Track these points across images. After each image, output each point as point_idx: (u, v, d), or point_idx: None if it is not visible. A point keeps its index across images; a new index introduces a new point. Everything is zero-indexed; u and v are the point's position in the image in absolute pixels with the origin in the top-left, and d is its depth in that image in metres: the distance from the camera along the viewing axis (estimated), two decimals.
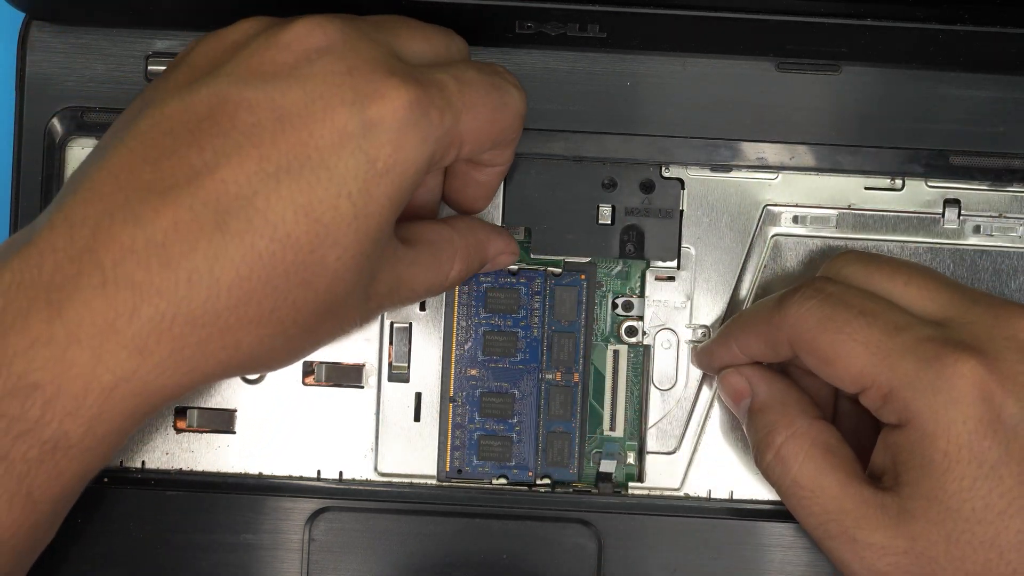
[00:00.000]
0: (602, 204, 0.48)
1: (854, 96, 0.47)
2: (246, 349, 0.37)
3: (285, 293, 0.37)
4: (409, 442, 0.48)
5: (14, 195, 0.47)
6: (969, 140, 0.47)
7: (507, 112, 0.41)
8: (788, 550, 0.47)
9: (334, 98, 0.37)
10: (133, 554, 0.47)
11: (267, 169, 0.36)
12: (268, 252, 0.36)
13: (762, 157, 0.47)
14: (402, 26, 0.41)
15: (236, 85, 0.37)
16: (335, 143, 0.37)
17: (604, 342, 0.48)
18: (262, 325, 0.37)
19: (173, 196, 0.36)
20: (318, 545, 0.47)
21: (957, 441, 0.39)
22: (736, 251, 0.48)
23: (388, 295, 0.41)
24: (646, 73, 0.47)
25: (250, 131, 0.37)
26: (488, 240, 0.45)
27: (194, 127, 0.37)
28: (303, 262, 0.37)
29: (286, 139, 0.37)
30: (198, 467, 0.48)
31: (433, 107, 0.38)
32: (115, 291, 0.36)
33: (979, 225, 0.48)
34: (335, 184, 0.37)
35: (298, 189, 0.37)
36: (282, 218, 0.36)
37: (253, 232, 0.36)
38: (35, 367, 0.35)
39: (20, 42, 0.47)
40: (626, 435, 0.48)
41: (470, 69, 0.41)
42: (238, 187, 0.36)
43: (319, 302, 0.38)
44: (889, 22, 0.43)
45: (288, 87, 0.37)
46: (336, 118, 0.37)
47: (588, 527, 0.47)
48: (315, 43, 0.38)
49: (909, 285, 0.42)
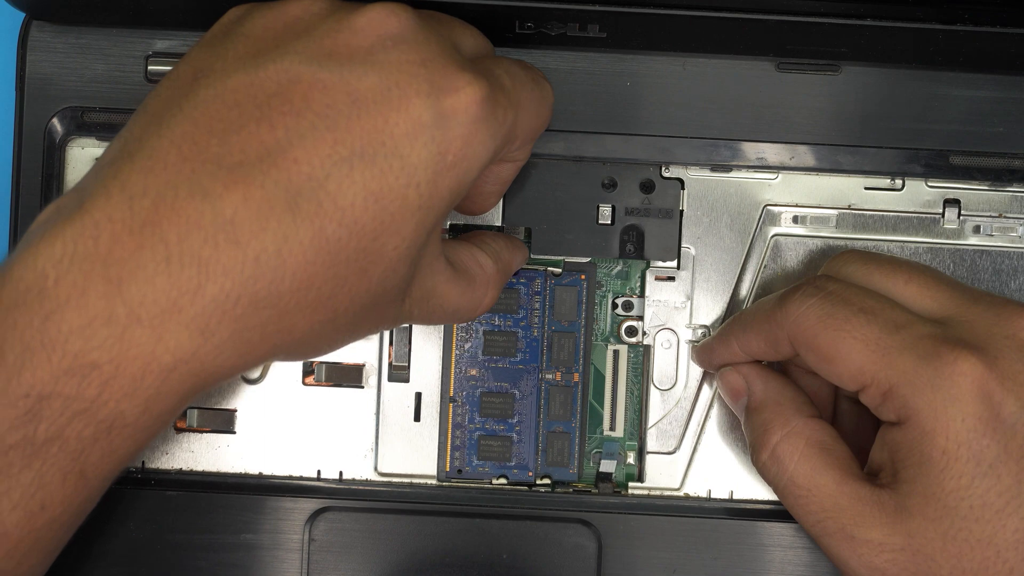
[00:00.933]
0: (602, 204, 0.48)
1: (854, 96, 0.47)
2: (299, 334, 0.37)
3: (344, 280, 0.37)
4: (409, 442, 0.48)
5: (14, 195, 0.47)
6: (969, 140, 0.47)
7: (545, 108, 0.42)
8: (788, 550, 0.47)
9: (410, 88, 0.37)
10: (133, 554, 0.47)
11: (341, 153, 0.36)
12: (336, 237, 0.36)
13: (762, 157, 0.47)
14: (454, 22, 0.41)
15: (309, 64, 0.37)
16: (409, 132, 0.37)
17: (604, 342, 0.48)
18: (317, 311, 0.37)
19: (243, 172, 0.35)
20: (318, 545, 0.47)
21: (956, 439, 0.39)
22: (736, 251, 0.48)
23: (420, 302, 0.40)
24: (646, 73, 0.47)
25: (325, 113, 0.36)
26: (514, 259, 0.45)
27: (263, 102, 0.36)
28: (364, 249, 0.36)
29: (361, 124, 0.36)
30: (198, 467, 0.48)
31: (499, 104, 0.38)
32: (179, 268, 0.34)
33: (979, 225, 0.48)
34: (406, 173, 0.37)
35: (371, 175, 0.36)
36: (352, 203, 0.36)
37: (323, 216, 0.36)
38: (93, 346, 0.34)
39: (20, 42, 0.47)
40: (626, 435, 0.48)
41: (515, 65, 0.41)
42: (311, 169, 0.36)
43: (371, 292, 0.37)
44: (889, 22, 0.43)
45: (364, 72, 0.37)
46: (412, 107, 0.37)
47: (588, 527, 0.47)
48: (390, 30, 0.38)
49: (909, 283, 0.42)
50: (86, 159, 0.47)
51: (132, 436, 0.36)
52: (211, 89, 0.37)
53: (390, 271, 0.37)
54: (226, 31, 0.39)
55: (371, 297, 0.38)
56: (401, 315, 0.40)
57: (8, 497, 0.35)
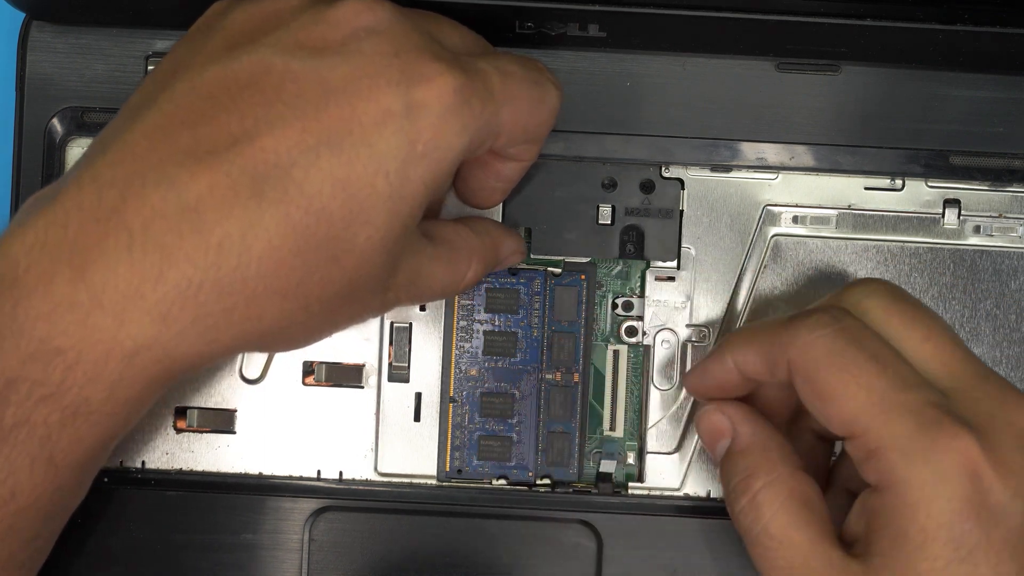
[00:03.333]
0: (602, 204, 0.48)
1: (854, 96, 0.47)
2: (268, 322, 0.37)
3: (313, 267, 0.37)
4: (409, 442, 0.48)
5: (14, 195, 0.47)
6: (969, 140, 0.47)
7: (544, 108, 0.42)
8: None
9: (380, 77, 0.37)
10: (133, 554, 0.47)
11: (308, 141, 0.36)
12: (302, 224, 0.36)
13: (762, 157, 0.47)
14: (441, 19, 0.41)
15: (282, 55, 0.37)
16: (378, 121, 0.37)
17: (604, 342, 0.48)
18: (287, 298, 0.37)
19: (210, 161, 0.36)
20: (318, 545, 0.47)
21: (938, 518, 0.37)
22: (736, 251, 0.48)
23: (406, 287, 0.41)
24: (646, 73, 0.47)
25: (294, 102, 0.36)
26: (502, 241, 0.45)
27: (236, 94, 0.37)
28: (335, 237, 0.37)
29: (329, 113, 0.36)
30: (198, 467, 0.48)
31: (476, 96, 0.38)
32: (142, 255, 0.35)
33: (979, 225, 0.48)
34: (374, 161, 0.37)
35: (337, 163, 0.36)
36: (319, 191, 0.36)
37: (288, 202, 0.36)
38: (57, 331, 0.35)
39: (20, 42, 0.47)
40: (626, 435, 0.48)
41: (512, 62, 0.41)
42: (277, 156, 0.36)
43: (344, 281, 0.38)
44: (889, 22, 0.43)
45: (336, 63, 0.37)
46: (381, 97, 0.37)
47: (588, 527, 0.47)
48: (364, 22, 0.38)
49: (926, 342, 0.40)
50: None
51: (99, 423, 0.36)
52: (186, 82, 0.37)
53: (365, 260, 0.38)
54: (208, 25, 0.39)
55: (346, 286, 0.38)
56: (386, 303, 0.40)
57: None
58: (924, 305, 0.42)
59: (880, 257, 0.48)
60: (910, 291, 0.48)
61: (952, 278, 0.48)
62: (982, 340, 0.48)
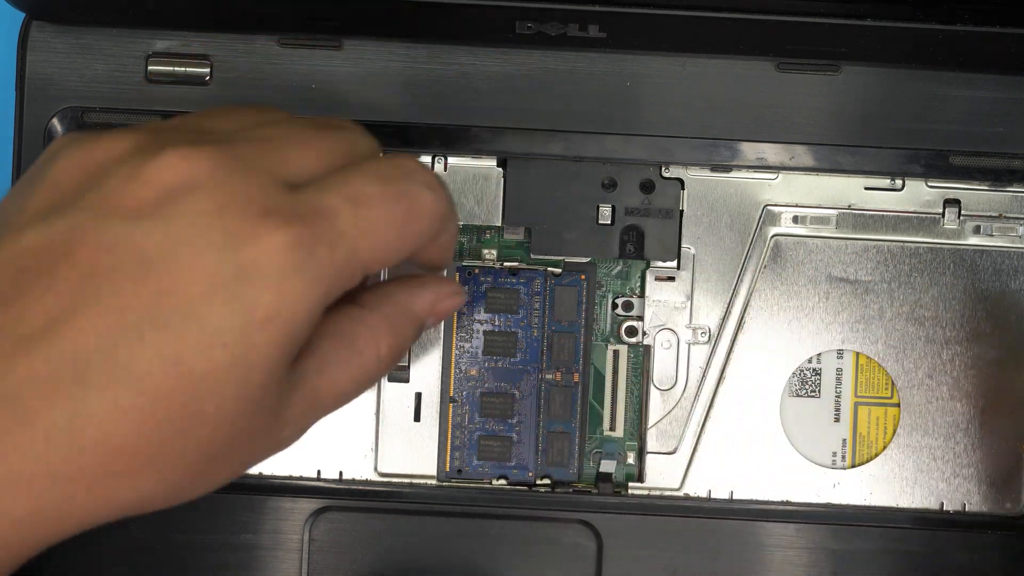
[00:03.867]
0: (602, 204, 0.48)
1: (854, 96, 0.47)
2: (122, 501, 0.35)
3: (159, 445, 0.34)
4: (409, 442, 0.48)
5: None
6: (969, 140, 0.47)
7: (418, 221, 0.37)
8: (788, 550, 0.47)
9: (201, 241, 0.34)
10: (133, 554, 0.47)
11: (129, 319, 0.33)
12: (135, 407, 0.33)
13: (762, 157, 0.47)
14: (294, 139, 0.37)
15: (96, 221, 0.34)
16: (204, 292, 0.34)
17: (604, 342, 0.48)
18: (135, 478, 0.34)
19: (28, 345, 0.33)
20: (318, 545, 0.47)
21: None
22: (736, 251, 0.48)
23: (307, 414, 0.37)
24: (646, 73, 0.47)
25: (110, 276, 0.34)
26: (411, 299, 0.41)
27: (51, 266, 0.34)
28: (177, 414, 0.34)
29: (148, 287, 0.33)
30: None
31: (320, 244, 0.35)
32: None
33: (979, 225, 0.48)
34: (207, 334, 0.34)
35: (164, 341, 0.33)
36: (148, 371, 0.33)
37: (117, 386, 0.33)
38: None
39: (20, 42, 0.47)
40: (626, 435, 0.48)
41: (369, 183, 0.36)
42: (98, 338, 0.33)
43: (203, 450, 0.35)
44: (889, 22, 0.43)
45: (151, 228, 0.34)
46: (205, 264, 0.34)
47: (588, 527, 0.47)
48: (180, 178, 0.34)
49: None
50: None
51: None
52: (4, 249, 0.35)
53: (220, 428, 0.35)
54: (37, 173, 0.37)
55: (208, 453, 0.35)
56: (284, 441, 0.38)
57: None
58: None
59: (880, 257, 0.48)
60: (910, 291, 0.48)
61: (952, 278, 0.48)
62: (982, 340, 0.48)
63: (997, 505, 0.48)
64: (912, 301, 0.48)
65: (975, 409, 0.48)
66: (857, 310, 0.48)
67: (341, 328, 0.38)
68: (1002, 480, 0.48)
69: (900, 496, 0.48)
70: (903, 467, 0.48)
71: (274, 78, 0.46)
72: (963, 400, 0.48)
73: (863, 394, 0.48)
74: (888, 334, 0.48)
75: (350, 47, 0.46)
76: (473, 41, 0.46)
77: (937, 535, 0.48)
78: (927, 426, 0.48)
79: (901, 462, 0.48)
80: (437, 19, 0.43)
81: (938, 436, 0.48)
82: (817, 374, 0.48)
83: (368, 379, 0.39)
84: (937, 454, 0.48)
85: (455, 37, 0.46)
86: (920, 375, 0.48)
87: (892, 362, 0.48)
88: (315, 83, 0.46)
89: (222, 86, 0.47)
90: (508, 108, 0.47)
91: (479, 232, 0.48)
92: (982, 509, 0.48)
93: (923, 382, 0.48)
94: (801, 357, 0.48)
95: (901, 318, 0.48)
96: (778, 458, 0.48)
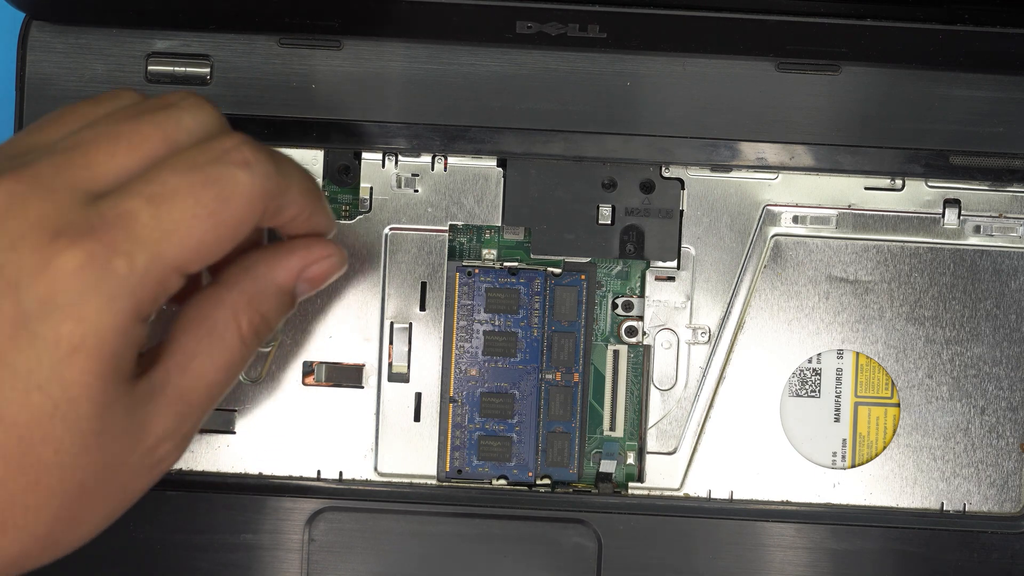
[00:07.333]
0: (602, 204, 0.48)
1: (854, 96, 0.47)
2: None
3: (10, 504, 0.33)
4: (409, 442, 0.48)
5: None
6: (969, 140, 0.47)
7: (235, 204, 0.35)
8: (788, 550, 0.47)
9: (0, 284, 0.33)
10: (133, 554, 0.47)
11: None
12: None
13: (762, 157, 0.47)
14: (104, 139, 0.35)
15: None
16: (9, 335, 0.32)
17: (604, 342, 0.48)
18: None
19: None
20: (318, 545, 0.47)
21: None
22: (736, 251, 0.48)
23: (181, 421, 0.36)
24: (646, 73, 0.47)
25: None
26: (273, 268, 0.38)
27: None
28: (16, 467, 0.33)
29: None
30: (198, 467, 0.48)
31: (116, 255, 0.33)
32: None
33: (979, 225, 0.48)
34: (20, 381, 0.32)
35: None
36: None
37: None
38: None
39: (20, 42, 0.47)
40: (626, 435, 0.48)
41: (173, 175, 0.35)
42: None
43: (60, 496, 0.34)
44: (889, 22, 0.43)
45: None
46: (4, 308, 0.32)
47: (588, 527, 0.47)
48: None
49: None
50: None
51: None
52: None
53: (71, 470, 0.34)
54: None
55: (69, 498, 0.34)
56: (163, 460, 0.36)
57: None
58: None
59: (880, 257, 0.48)
60: (910, 291, 0.48)
61: (952, 278, 0.48)
62: (982, 340, 0.48)
63: (997, 505, 0.48)
64: (912, 301, 0.48)
65: (975, 409, 0.48)
66: (857, 310, 0.48)
67: (197, 315, 0.37)
68: (1002, 480, 0.48)
69: (900, 496, 0.48)
70: (903, 467, 0.48)
71: (274, 78, 0.46)
72: (963, 400, 0.48)
73: (863, 394, 0.48)
74: (888, 334, 0.48)
75: (350, 47, 0.46)
76: (473, 41, 0.46)
77: (937, 535, 0.48)
78: (927, 426, 0.48)
79: (901, 462, 0.48)
80: (437, 19, 0.43)
81: (938, 436, 0.48)
82: (817, 374, 0.48)
83: (237, 363, 0.37)
84: (937, 454, 0.48)
85: (455, 37, 0.46)
86: (920, 375, 0.48)
87: (892, 362, 0.48)
88: (315, 83, 0.46)
89: (222, 86, 0.47)
90: (508, 108, 0.47)
91: (479, 232, 0.48)
92: (982, 509, 0.48)
93: (923, 382, 0.48)
94: (801, 357, 0.48)
95: (901, 318, 0.48)
96: (778, 458, 0.48)
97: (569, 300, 0.48)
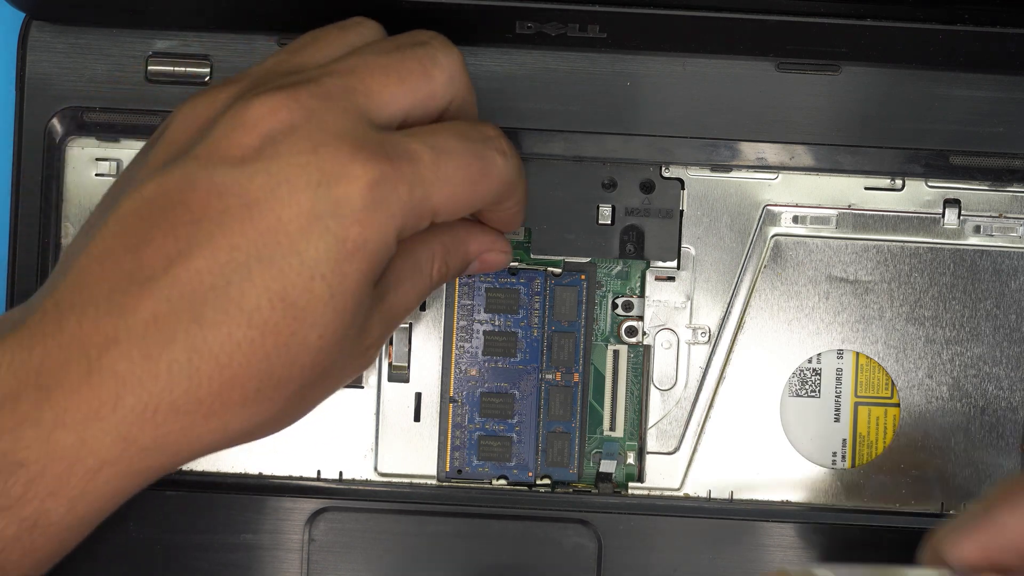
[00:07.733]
0: (602, 204, 0.48)
1: (854, 96, 0.47)
2: (235, 428, 0.38)
3: (268, 374, 0.37)
4: (409, 442, 0.48)
5: (14, 195, 0.47)
6: (969, 140, 0.47)
7: (489, 182, 0.41)
8: (788, 550, 0.47)
9: (299, 180, 0.37)
10: (132, 554, 0.47)
11: (238, 258, 0.37)
12: (247, 340, 0.37)
13: (762, 157, 0.47)
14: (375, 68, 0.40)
15: (206, 169, 0.37)
16: (303, 227, 0.37)
17: (604, 342, 0.48)
18: (247, 406, 0.38)
19: (150, 288, 0.36)
20: (318, 545, 0.47)
21: None
22: (736, 251, 0.48)
23: (385, 331, 0.41)
24: (646, 73, 0.47)
25: (220, 219, 0.37)
26: (469, 237, 0.44)
27: (169, 212, 0.37)
28: (284, 344, 0.37)
29: (255, 226, 0.37)
30: (197, 467, 0.48)
31: (402, 181, 0.38)
32: (99, 380, 0.36)
33: (979, 225, 0.48)
34: (307, 268, 0.37)
35: (270, 276, 0.37)
36: (257, 306, 0.37)
37: (229, 322, 0.36)
38: (21, 446, 0.36)
39: (20, 42, 0.47)
40: (626, 435, 0.48)
41: (452, 138, 0.40)
42: (212, 277, 0.36)
43: (305, 376, 0.38)
44: (889, 22, 0.43)
45: (254, 171, 0.37)
46: (302, 201, 0.37)
47: (588, 527, 0.47)
48: (279, 122, 0.37)
49: None
50: (86, 159, 0.47)
51: (56, 536, 0.37)
52: (129, 200, 0.38)
53: (321, 355, 0.38)
54: (161, 130, 0.40)
55: (309, 379, 0.38)
56: (368, 361, 0.41)
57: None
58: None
59: (880, 257, 0.48)
60: (910, 291, 0.48)
61: (952, 278, 0.48)
62: (982, 340, 0.48)
63: None
64: (912, 301, 0.48)
65: (975, 409, 0.48)
66: (857, 310, 0.48)
67: (409, 246, 0.41)
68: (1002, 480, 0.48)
69: (900, 496, 0.48)
70: (903, 467, 0.48)
71: None
72: (963, 400, 0.48)
73: (863, 394, 0.48)
74: (888, 334, 0.48)
75: None
76: (473, 41, 0.46)
77: None
78: (927, 426, 0.48)
79: (901, 462, 0.48)
80: (437, 19, 0.43)
81: (938, 436, 0.48)
82: (817, 374, 0.48)
83: (425, 294, 0.43)
84: (937, 454, 0.48)
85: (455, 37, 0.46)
86: (920, 375, 0.48)
87: (892, 362, 0.48)
88: None
89: None
90: (508, 108, 0.47)
91: None
92: None
93: (923, 382, 0.48)
94: (801, 357, 0.48)
95: (901, 318, 0.48)
96: (778, 458, 0.48)
97: (569, 300, 0.48)
